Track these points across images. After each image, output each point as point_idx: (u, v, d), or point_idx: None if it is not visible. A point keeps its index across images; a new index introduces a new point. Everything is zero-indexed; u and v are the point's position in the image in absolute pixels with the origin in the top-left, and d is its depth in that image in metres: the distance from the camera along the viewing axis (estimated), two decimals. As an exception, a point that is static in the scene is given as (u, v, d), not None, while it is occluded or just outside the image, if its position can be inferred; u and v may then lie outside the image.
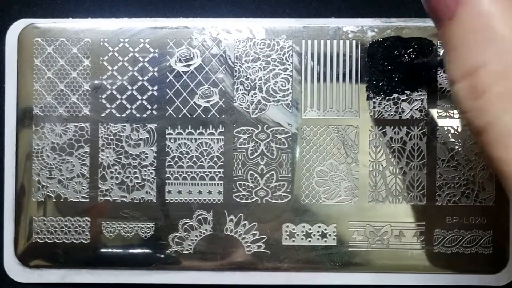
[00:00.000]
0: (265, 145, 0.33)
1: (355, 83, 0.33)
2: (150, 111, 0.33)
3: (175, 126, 0.33)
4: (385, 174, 0.33)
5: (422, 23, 0.33)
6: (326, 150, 0.33)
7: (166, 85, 0.33)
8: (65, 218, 0.32)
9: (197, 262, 0.33)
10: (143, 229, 0.33)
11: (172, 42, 0.33)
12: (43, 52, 0.33)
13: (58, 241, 0.33)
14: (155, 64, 0.33)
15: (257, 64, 0.33)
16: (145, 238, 0.33)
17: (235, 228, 0.33)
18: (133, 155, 0.33)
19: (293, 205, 0.33)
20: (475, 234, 0.33)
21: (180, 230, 0.33)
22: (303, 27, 0.33)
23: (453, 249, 0.33)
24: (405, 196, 0.33)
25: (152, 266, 0.33)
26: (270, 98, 0.33)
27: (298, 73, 0.32)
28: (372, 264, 0.33)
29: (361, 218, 0.33)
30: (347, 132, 0.33)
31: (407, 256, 0.33)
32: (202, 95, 0.33)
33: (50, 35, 0.33)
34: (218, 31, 0.33)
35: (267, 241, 0.33)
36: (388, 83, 0.33)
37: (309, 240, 0.33)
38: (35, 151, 0.33)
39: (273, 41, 0.33)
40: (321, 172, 0.33)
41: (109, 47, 0.33)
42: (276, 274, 0.33)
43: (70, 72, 0.33)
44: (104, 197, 0.33)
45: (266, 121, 0.33)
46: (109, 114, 0.33)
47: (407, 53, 0.33)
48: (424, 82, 0.33)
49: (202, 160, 0.33)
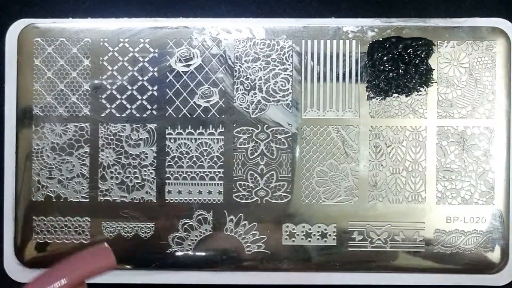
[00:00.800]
0: (265, 145, 0.33)
1: (355, 83, 0.33)
2: (150, 111, 0.33)
3: (175, 126, 0.33)
4: (385, 174, 0.33)
5: (422, 23, 0.33)
6: (326, 150, 0.33)
7: (166, 85, 0.33)
8: (65, 218, 0.32)
9: (197, 262, 0.33)
10: (143, 229, 0.33)
11: (172, 42, 0.33)
12: (43, 52, 0.33)
13: (58, 241, 0.33)
14: (155, 64, 0.33)
15: (257, 64, 0.33)
16: (145, 238, 0.33)
17: (235, 228, 0.33)
18: (133, 155, 0.33)
19: (293, 205, 0.33)
20: (475, 234, 0.33)
21: (180, 230, 0.33)
22: (303, 27, 0.33)
23: (453, 249, 0.33)
24: (405, 196, 0.33)
25: (152, 266, 0.33)
26: (270, 98, 0.33)
27: (298, 73, 0.33)
28: (372, 264, 0.33)
29: (361, 218, 0.33)
30: (347, 132, 0.33)
31: (407, 256, 0.33)
32: (202, 95, 0.33)
33: (50, 35, 0.33)
34: (218, 31, 0.33)
35: (267, 241, 0.33)
36: (388, 83, 0.33)
37: (309, 240, 0.33)
38: (35, 151, 0.33)
39: (273, 41, 0.33)
40: (321, 172, 0.33)
41: (109, 47, 0.33)
42: (276, 274, 0.33)
43: (70, 72, 0.33)
44: (104, 197, 0.33)
45: (266, 121, 0.33)
46: (109, 114, 0.33)
47: (407, 53, 0.33)
48: (424, 82, 0.33)
49: (202, 160, 0.33)
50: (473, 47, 0.33)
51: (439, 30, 0.33)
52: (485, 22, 0.33)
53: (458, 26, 0.33)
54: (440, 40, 0.33)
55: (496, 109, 0.33)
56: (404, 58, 0.33)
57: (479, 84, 0.33)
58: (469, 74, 0.33)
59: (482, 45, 0.33)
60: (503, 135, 0.33)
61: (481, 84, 0.33)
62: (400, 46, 0.33)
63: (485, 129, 0.33)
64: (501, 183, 0.33)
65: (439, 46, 0.33)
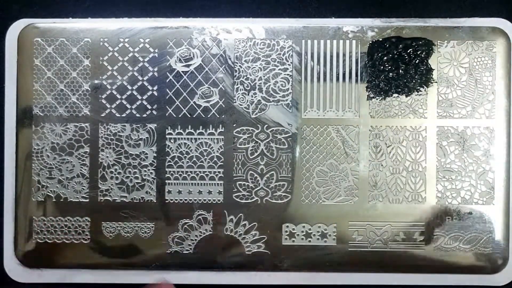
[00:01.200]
0: (265, 145, 0.33)
1: (355, 83, 0.33)
2: (150, 111, 0.33)
3: (175, 126, 0.33)
4: (385, 174, 0.33)
5: (422, 23, 0.33)
6: (326, 150, 0.33)
7: (166, 85, 0.33)
8: (65, 218, 0.33)
9: (197, 262, 0.33)
10: (143, 229, 0.33)
11: (172, 42, 0.33)
12: (43, 52, 0.33)
13: (58, 241, 0.33)
14: (155, 64, 0.33)
15: (257, 64, 0.33)
16: (145, 238, 0.33)
17: (235, 228, 0.33)
18: (133, 155, 0.33)
19: (293, 205, 0.33)
20: (475, 234, 0.33)
21: (180, 230, 0.33)
22: (303, 27, 0.33)
23: (453, 249, 0.33)
24: (405, 196, 0.33)
25: (152, 266, 0.33)
26: (270, 98, 0.33)
27: (298, 73, 0.33)
28: (372, 264, 0.33)
29: (361, 218, 0.33)
30: (347, 132, 0.33)
31: (407, 256, 0.33)
32: (202, 95, 0.33)
33: (50, 35, 0.33)
34: (218, 31, 0.33)
35: (267, 241, 0.33)
36: (388, 83, 0.33)
37: (309, 240, 0.33)
38: (35, 151, 0.33)
39: (273, 41, 0.33)
40: (321, 172, 0.33)
41: (109, 47, 0.33)
42: (276, 274, 0.33)
43: (70, 72, 0.33)
44: (104, 197, 0.33)
45: (266, 121, 0.33)
46: (109, 114, 0.33)
47: (407, 53, 0.33)
48: (424, 82, 0.33)
49: (202, 160, 0.33)
50: (473, 47, 0.33)
51: (439, 30, 0.33)
52: (485, 22, 0.33)
53: (458, 26, 0.33)
54: (440, 40, 0.33)
55: (496, 109, 0.33)
56: (404, 58, 0.33)
57: (479, 84, 0.33)
58: (469, 74, 0.33)
59: (482, 45, 0.33)
60: (503, 135, 0.33)
61: (481, 84, 0.33)
62: (400, 46, 0.33)
63: (485, 129, 0.33)
64: (501, 183, 0.33)
65: (439, 46, 0.33)
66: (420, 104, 0.33)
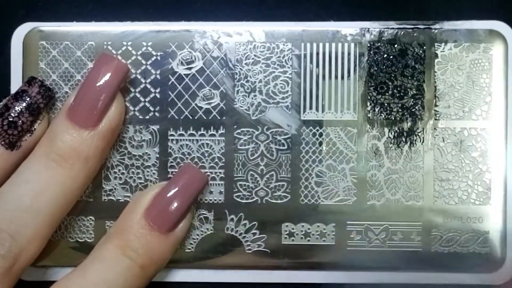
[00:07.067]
0: (265, 146, 0.33)
1: (353, 85, 0.33)
2: (153, 113, 0.33)
3: (177, 128, 0.33)
4: (383, 175, 0.33)
5: (420, 25, 0.33)
6: (324, 151, 0.33)
7: (168, 88, 0.33)
8: (69, 217, 0.33)
9: (198, 261, 0.33)
10: (145, 228, 0.33)
11: (174, 45, 0.33)
12: (48, 55, 0.33)
13: (62, 240, 0.33)
14: (157, 67, 0.33)
15: (257, 67, 0.33)
16: (147, 237, 0.33)
17: (235, 227, 0.33)
18: (136, 156, 0.33)
19: (293, 205, 0.33)
20: (472, 234, 0.33)
21: (182, 230, 0.33)
22: (302, 30, 0.33)
23: (450, 248, 0.33)
24: (403, 196, 0.33)
25: (154, 265, 0.33)
26: (270, 100, 0.33)
27: (297, 75, 0.33)
28: (370, 263, 0.33)
29: (360, 218, 0.33)
30: (345, 133, 0.33)
31: (405, 255, 0.33)
32: (203, 97, 0.33)
33: (55, 39, 0.33)
34: (219, 34, 0.33)
35: (267, 240, 0.33)
36: (386, 85, 0.33)
37: (308, 240, 0.33)
38: (40, 152, 0.33)
39: (273, 44, 0.33)
40: (319, 172, 0.33)
41: (112, 50, 0.33)
42: (276, 272, 0.33)
43: (75, 75, 0.33)
44: (108, 197, 0.33)
45: (266, 122, 0.33)
46: (113, 116, 0.33)
47: (405, 56, 0.33)
48: (421, 84, 0.33)
49: (203, 160, 0.33)
50: (471, 50, 0.33)
51: (436, 32, 0.33)
52: (482, 25, 0.33)
53: (455, 29, 0.33)
54: (437, 42, 0.33)
55: (493, 110, 0.33)
56: (402, 61, 0.33)
57: (476, 86, 0.33)
58: (467, 76, 0.33)
59: (479, 47, 0.33)
60: (500, 136, 0.33)
61: (478, 86, 0.33)
62: (398, 48, 0.33)
63: (482, 130, 0.33)
64: (498, 183, 0.33)
65: (437, 49, 0.33)
66: (418, 106, 0.33)
